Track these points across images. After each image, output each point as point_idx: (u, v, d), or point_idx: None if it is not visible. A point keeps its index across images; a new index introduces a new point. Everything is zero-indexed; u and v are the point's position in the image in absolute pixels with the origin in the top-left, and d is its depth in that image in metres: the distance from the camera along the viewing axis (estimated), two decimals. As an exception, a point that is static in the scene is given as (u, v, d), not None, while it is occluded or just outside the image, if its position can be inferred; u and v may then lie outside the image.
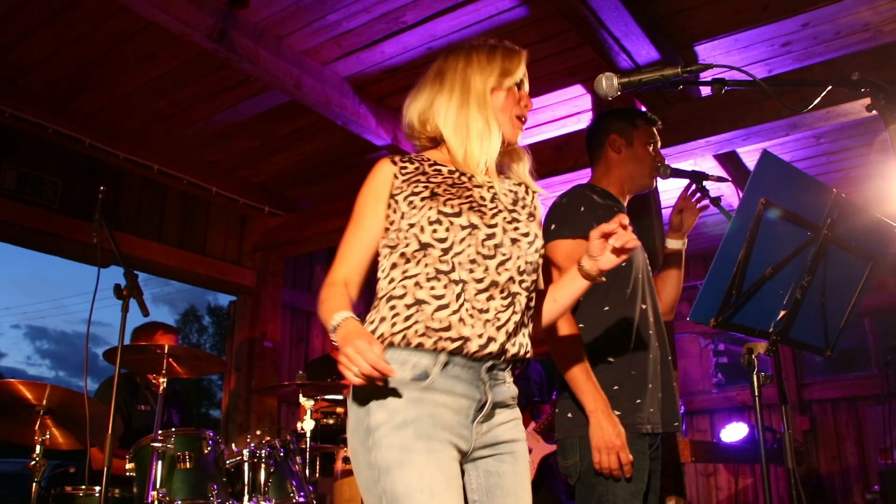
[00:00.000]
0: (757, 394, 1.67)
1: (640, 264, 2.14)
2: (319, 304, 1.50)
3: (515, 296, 1.48)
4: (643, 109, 3.34)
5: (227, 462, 2.93)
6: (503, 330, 1.45)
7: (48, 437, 2.75)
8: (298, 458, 3.16)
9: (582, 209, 2.06)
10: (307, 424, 3.27)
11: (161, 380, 2.98)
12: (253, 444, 2.99)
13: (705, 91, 3.62)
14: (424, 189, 1.53)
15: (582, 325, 2.01)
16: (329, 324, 1.42)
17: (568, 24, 3.06)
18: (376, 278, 1.56)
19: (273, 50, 3.33)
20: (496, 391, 1.48)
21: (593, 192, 2.16)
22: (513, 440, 1.51)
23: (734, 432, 5.45)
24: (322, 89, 3.57)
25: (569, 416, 2.00)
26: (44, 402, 2.70)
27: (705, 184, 2.27)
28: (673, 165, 2.28)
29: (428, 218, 1.48)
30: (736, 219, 1.60)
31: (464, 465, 1.47)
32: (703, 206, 2.30)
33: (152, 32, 3.28)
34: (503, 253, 1.48)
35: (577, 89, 3.81)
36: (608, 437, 1.86)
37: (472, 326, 1.42)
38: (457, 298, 1.43)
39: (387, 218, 1.54)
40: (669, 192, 4.18)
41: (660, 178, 2.31)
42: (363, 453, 1.41)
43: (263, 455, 2.96)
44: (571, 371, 1.91)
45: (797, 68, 3.50)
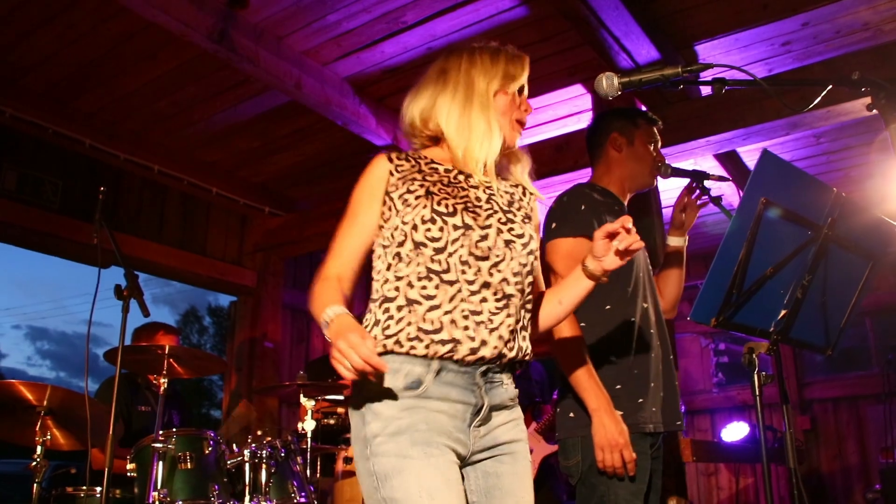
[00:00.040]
0: (758, 393, 1.67)
1: (641, 263, 2.14)
2: (311, 298, 1.48)
3: (509, 298, 1.46)
4: (643, 109, 3.34)
5: (229, 462, 2.93)
6: (496, 333, 1.43)
7: (49, 437, 2.75)
8: (299, 459, 3.16)
9: (583, 208, 2.06)
10: (308, 425, 3.27)
11: (162, 380, 2.98)
12: (254, 445, 2.99)
13: (705, 90, 3.62)
14: (420, 187, 1.51)
15: (583, 324, 2.01)
16: (321, 318, 1.40)
17: (568, 24, 3.06)
18: (371, 278, 1.54)
19: (273, 50, 3.33)
20: (493, 394, 1.46)
21: (594, 191, 2.16)
22: (512, 441, 1.49)
23: (735, 432, 5.44)
24: (322, 89, 3.57)
25: (570, 415, 1.99)
26: (44, 403, 2.70)
27: (706, 183, 2.27)
28: (673, 165, 2.28)
29: (422, 217, 1.46)
30: (736, 218, 1.60)
31: (463, 470, 1.46)
32: (702, 203, 2.30)
33: (152, 33, 3.28)
34: (496, 255, 1.47)
35: (578, 89, 3.81)
36: (611, 435, 1.85)
37: (465, 329, 1.40)
38: (449, 300, 1.42)
39: (382, 215, 1.53)
40: (669, 191, 4.18)
41: (660, 178, 2.32)
42: (363, 463, 1.40)
43: (264, 455, 2.96)
44: (574, 370, 1.91)
45: (797, 67, 3.50)
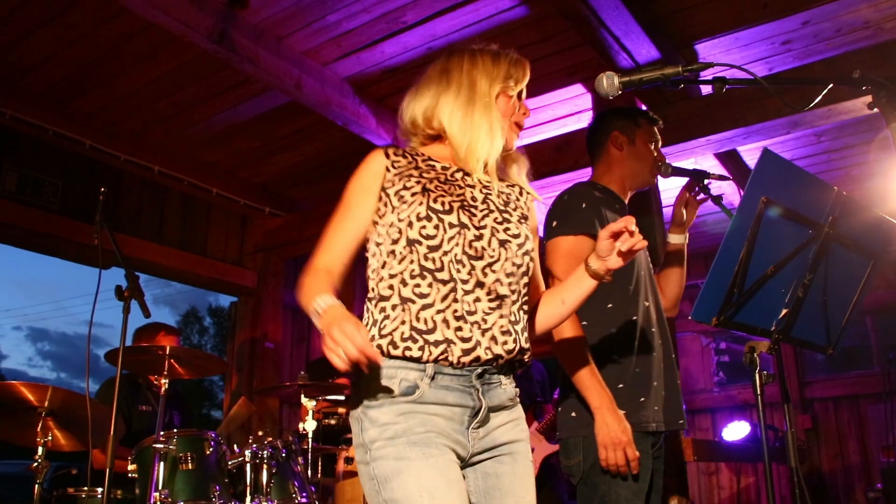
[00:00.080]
0: (759, 392, 1.67)
1: (642, 262, 2.14)
2: (300, 289, 1.44)
3: (503, 298, 1.45)
4: (644, 108, 3.34)
5: (230, 463, 2.93)
6: (489, 333, 1.42)
7: (50, 438, 2.75)
8: (300, 459, 3.15)
9: (584, 206, 2.06)
10: (309, 425, 3.26)
11: (163, 381, 2.98)
12: (255, 445, 2.98)
13: (706, 90, 3.62)
14: (416, 184, 1.50)
15: (585, 322, 2.00)
16: (311, 307, 1.36)
17: (568, 24, 3.06)
18: (367, 277, 1.53)
19: (273, 50, 3.33)
20: (490, 396, 1.45)
21: (595, 190, 2.16)
22: (512, 441, 1.49)
23: (736, 431, 5.44)
24: (322, 90, 3.57)
25: (572, 415, 1.99)
26: (45, 404, 2.70)
27: (706, 182, 2.27)
28: (674, 164, 2.28)
29: (417, 213, 1.45)
30: (737, 217, 1.60)
31: (463, 471, 1.45)
32: (701, 200, 2.31)
33: (152, 33, 3.28)
34: (491, 255, 1.46)
35: (578, 88, 3.81)
36: (614, 433, 1.85)
37: (458, 329, 1.40)
38: (442, 299, 1.41)
39: (377, 211, 1.52)
40: (670, 190, 4.18)
41: (661, 177, 2.32)
42: (364, 468, 1.41)
43: (265, 456, 2.95)
44: (576, 369, 1.91)
45: (797, 66, 3.50)
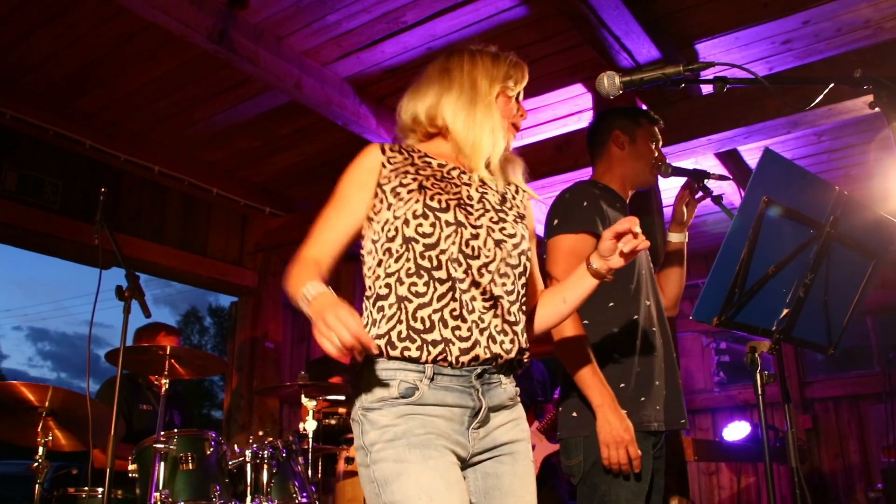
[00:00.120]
0: (760, 392, 1.67)
1: (643, 261, 2.14)
2: (288, 278, 1.42)
3: (498, 299, 1.45)
4: (645, 108, 3.34)
5: (230, 463, 2.93)
6: (486, 332, 1.42)
7: (50, 438, 2.75)
8: (301, 459, 3.15)
9: (585, 204, 2.06)
10: (309, 425, 3.26)
11: (163, 381, 2.98)
12: (255, 445, 2.98)
13: (706, 89, 3.62)
14: (412, 181, 1.49)
15: (586, 321, 2.00)
16: (300, 293, 1.33)
17: (568, 23, 3.06)
18: (363, 275, 1.52)
19: (273, 50, 3.33)
20: (490, 395, 1.45)
21: (596, 188, 2.16)
22: (512, 441, 1.48)
23: (736, 431, 5.43)
24: (322, 89, 3.57)
25: (573, 415, 1.99)
26: (46, 404, 2.70)
27: (707, 182, 2.27)
28: (674, 164, 2.28)
29: (413, 211, 1.44)
30: (738, 217, 1.60)
31: (464, 472, 1.44)
32: (699, 198, 2.31)
33: (152, 33, 3.28)
34: (486, 254, 1.46)
35: (578, 88, 3.80)
36: (616, 431, 1.84)
37: (455, 329, 1.39)
38: (438, 298, 1.40)
39: (372, 208, 1.51)
40: (670, 190, 4.17)
41: (661, 177, 2.32)
42: (364, 470, 1.40)
43: (266, 456, 2.95)
44: (577, 367, 1.90)
45: (798, 66, 3.50)
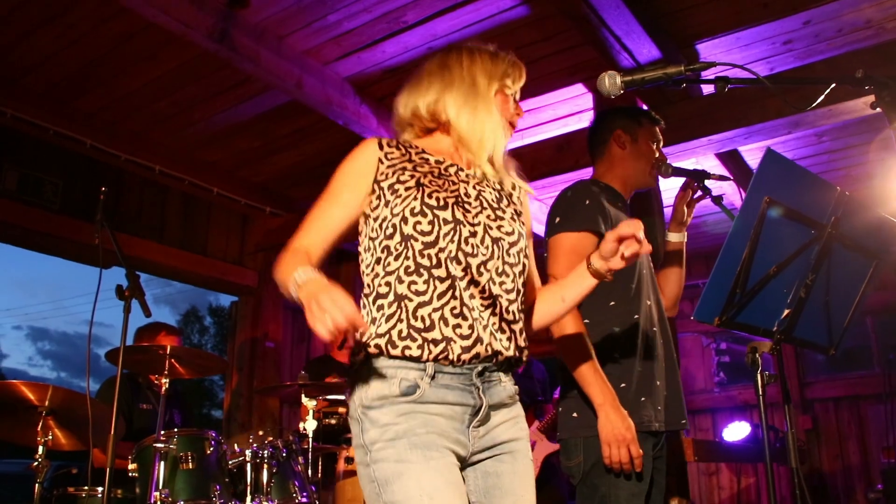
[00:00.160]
0: (761, 393, 1.67)
1: (643, 260, 2.14)
2: (277, 266, 1.39)
3: (497, 297, 1.45)
4: (645, 108, 3.33)
5: (230, 462, 2.92)
6: (487, 330, 1.41)
7: (50, 437, 2.75)
8: (301, 459, 3.15)
9: (587, 202, 2.06)
10: (309, 425, 3.26)
11: (163, 380, 2.98)
12: (255, 445, 2.98)
13: (707, 90, 3.62)
14: (410, 178, 1.48)
15: (587, 320, 2.00)
16: (290, 279, 1.30)
17: (569, 23, 3.06)
18: (361, 273, 1.51)
19: (274, 50, 3.33)
20: (491, 394, 1.45)
21: (597, 187, 2.16)
22: (512, 439, 1.48)
23: (736, 431, 5.44)
24: (323, 89, 3.57)
25: (574, 415, 1.98)
26: (46, 403, 2.70)
27: (707, 182, 2.27)
28: (675, 164, 2.28)
29: (411, 209, 1.43)
30: (740, 217, 1.60)
31: (463, 471, 1.44)
32: (698, 198, 2.31)
33: (152, 33, 3.28)
34: (483, 252, 1.45)
35: (579, 88, 3.80)
36: (618, 430, 1.84)
37: (456, 327, 1.39)
38: (439, 296, 1.39)
39: (369, 204, 1.50)
40: (671, 190, 4.17)
41: (662, 177, 2.32)
42: (364, 469, 1.39)
43: (266, 455, 2.95)
44: (578, 366, 1.90)
45: (798, 66, 3.50)
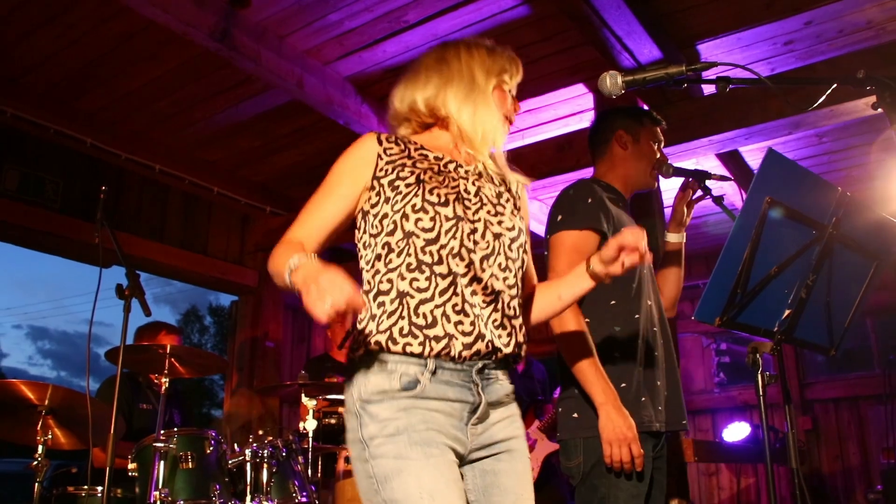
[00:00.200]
0: (762, 393, 1.67)
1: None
2: (271, 258, 1.38)
3: (499, 293, 1.44)
4: (647, 108, 3.33)
5: (230, 462, 2.92)
6: (488, 327, 1.41)
7: (50, 437, 2.75)
8: (301, 458, 3.15)
9: (589, 201, 2.06)
10: (309, 424, 3.26)
11: (163, 380, 2.98)
12: (255, 444, 2.98)
13: (708, 90, 3.62)
14: (410, 174, 1.47)
15: (588, 319, 2.00)
16: (286, 266, 1.28)
17: (570, 23, 3.05)
18: (360, 269, 1.50)
19: (275, 49, 3.33)
20: (489, 391, 1.45)
21: (599, 186, 2.16)
22: (509, 438, 1.48)
23: (736, 432, 5.44)
24: (324, 89, 3.57)
25: (574, 416, 1.98)
26: (46, 403, 2.70)
27: (708, 183, 2.27)
28: (675, 164, 2.28)
29: (413, 205, 1.42)
30: (741, 218, 1.60)
31: (461, 469, 1.43)
32: (697, 199, 2.31)
33: (153, 32, 3.28)
34: (484, 248, 1.45)
35: (579, 88, 3.80)
36: (619, 429, 1.84)
37: (458, 324, 1.38)
38: (440, 293, 1.39)
39: (368, 201, 1.49)
40: (671, 191, 4.17)
41: (662, 178, 2.31)
42: (361, 465, 1.38)
43: (265, 455, 2.95)
44: (580, 365, 1.89)
45: (799, 67, 3.50)
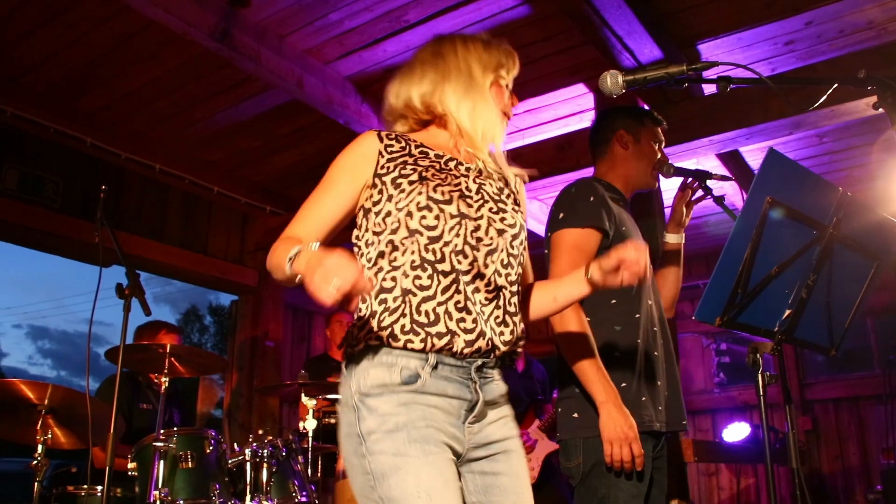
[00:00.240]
0: (762, 393, 1.67)
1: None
2: (270, 254, 1.38)
3: (500, 289, 1.45)
4: (647, 108, 3.33)
5: (230, 462, 2.92)
6: (489, 325, 1.41)
7: (50, 436, 2.75)
8: (300, 458, 3.15)
9: (591, 199, 2.06)
10: (309, 424, 3.26)
11: (163, 379, 2.98)
12: (255, 444, 2.98)
13: (708, 90, 3.61)
14: (412, 172, 1.46)
15: (588, 318, 1.99)
16: (286, 257, 1.29)
17: (570, 23, 3.05)
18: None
19: (275, 49, 3.33)
20: (486, 390, 1.45)
21: (600, 185, 2.16)
22: (505, 438, 1.47)
23: (736, 432, 5.43)
24: (324, 88, 3.57)
25: (574, 416, 1.98)
26: (45, 402, 2.70)
27: (709, 182, 2.27)
28: (676, 164, 2.28)
29: (417, 203, 1.42)
30: (741, 218, 1.60)
31: (459, 469, 1.43)
32: (699, 198, 2.31)
33: (153, 32, 3.28)
34: (488, 245, 1.45)
35: (580, 88, 3.80)
36: (620, 428, 1.83)
37: (460, 321, 1.38)
38: (443, 290, 1.39)
39: (370, 198, 1.48)
40: (672, 191, 4.17)
41: (663, 178, 2.31)
42: (357, 460, 1.36)
43: (265, 454, 2.95)
44: (581, 363, 1.89)
45: (800, 67, 3.49)
